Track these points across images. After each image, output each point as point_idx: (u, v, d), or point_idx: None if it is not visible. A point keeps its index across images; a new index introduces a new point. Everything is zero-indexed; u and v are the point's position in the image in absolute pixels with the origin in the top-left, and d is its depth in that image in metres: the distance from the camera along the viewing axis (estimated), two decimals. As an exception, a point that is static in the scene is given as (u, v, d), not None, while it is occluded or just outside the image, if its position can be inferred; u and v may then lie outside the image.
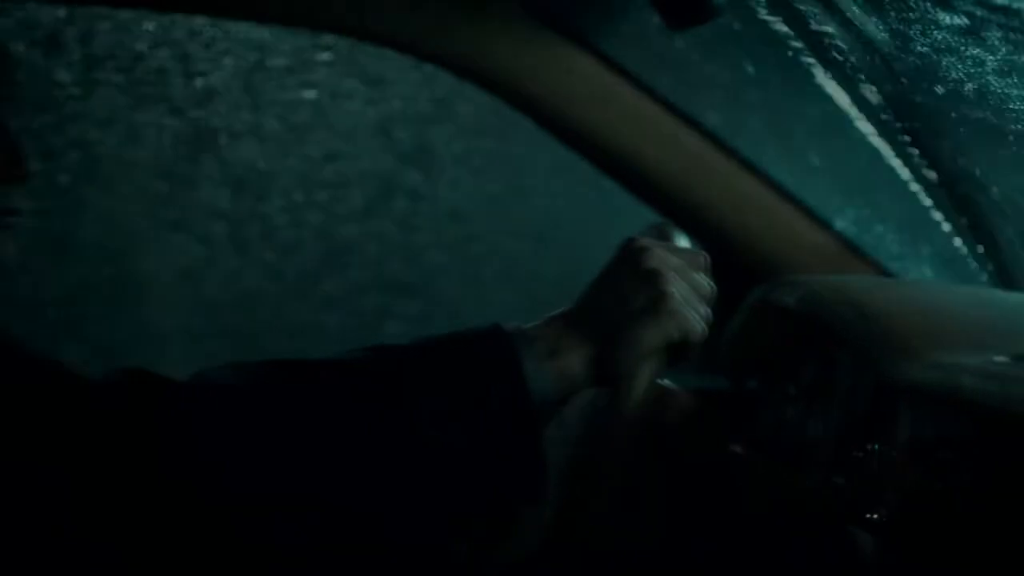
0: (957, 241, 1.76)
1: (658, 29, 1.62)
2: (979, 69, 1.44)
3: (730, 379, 1.56)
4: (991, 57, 1.40)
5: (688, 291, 1.00)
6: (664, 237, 1.06)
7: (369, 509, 0.94)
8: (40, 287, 2.56)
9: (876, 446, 1.12)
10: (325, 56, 2.59)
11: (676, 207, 1.68)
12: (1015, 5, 1.31)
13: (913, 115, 1.65)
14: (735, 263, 1.68)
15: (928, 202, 1.76)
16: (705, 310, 1.01)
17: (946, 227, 1.76)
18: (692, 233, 1.72)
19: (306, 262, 2.76)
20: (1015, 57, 1.39)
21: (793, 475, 1.32)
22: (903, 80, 1.58)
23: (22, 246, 1.12)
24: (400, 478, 0.94)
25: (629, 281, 0.99)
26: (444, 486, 0.95)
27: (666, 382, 1.05)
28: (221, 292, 2.71)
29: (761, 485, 1.33)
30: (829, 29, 1.55)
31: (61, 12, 2.46)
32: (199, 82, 2.60)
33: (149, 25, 2.53)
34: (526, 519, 1.12)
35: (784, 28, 1.60)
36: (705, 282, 1.02)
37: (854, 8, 1.45)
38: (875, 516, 1.06)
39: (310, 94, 2.63)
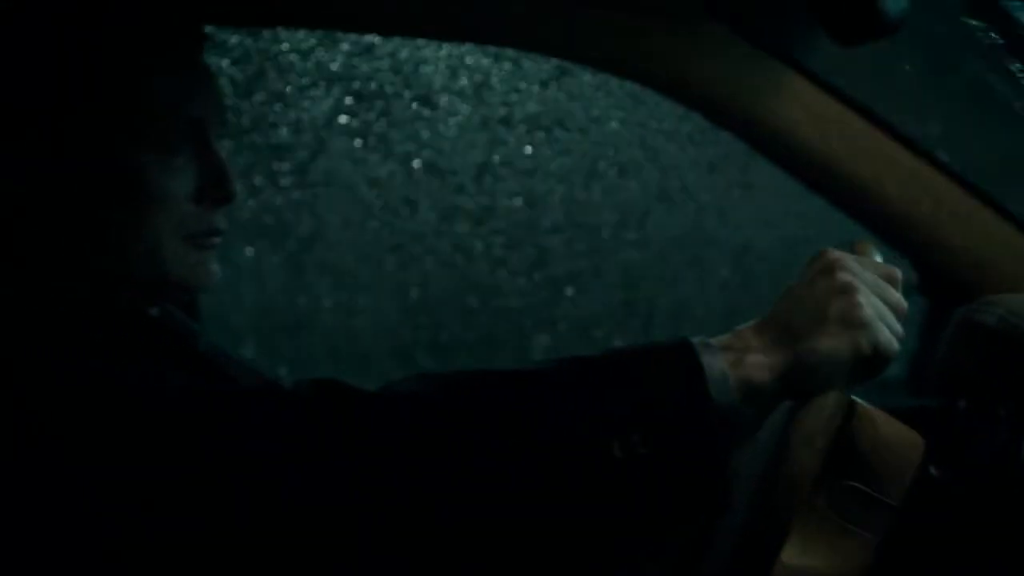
0: None
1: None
2: None
3: (939, 399, 1.53)
4: None
5: (880, 305, 1.00)
6: (859, 253, 1.06)
7: (552, 517, 0.96)
8: (250, 304, 2.69)
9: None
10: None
11: (883, 222, 1.66)
12: None
13: None
14: (943, 280, 1.65)
15: None
16: (897, 326, 1.00)
17: None
18: (901, 250, 1.70)
19: (532, 281, 2.83)
20: None
21: (1002, 498, 1.29)
22: None
23: (232, 263, 1.20)
24: (583, 487, 0.95)
25: (821, 293, 0.99)
26: (627, 496, 0.96)
27: (858, 399, 1.04)
28: (436, 308, 2.80)
29: (965, 509, 1.30)
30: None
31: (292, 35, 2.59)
32: (425, 107, 2.70)
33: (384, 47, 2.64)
34: (715, 529, 1.13)
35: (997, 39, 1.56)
36: (898, 298, 1.02)
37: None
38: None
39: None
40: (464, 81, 2.71)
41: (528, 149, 2.75)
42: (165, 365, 1.06)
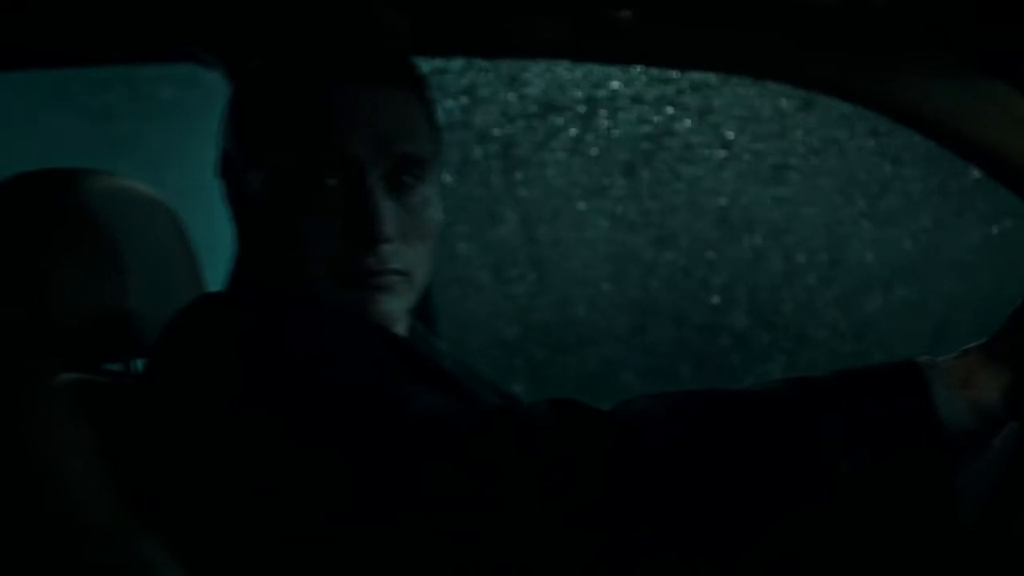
0: None
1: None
2: None
3: None
4: None
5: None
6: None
7: (783, 534, 0.97)
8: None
9: None
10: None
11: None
12: None
13: None
14: None
15: None
16: None
17: None
18: None
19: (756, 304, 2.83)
20: None
21: None
22: None
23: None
24: (811, 503, 0.96)
25: None
26: (853, 513, 0.96)
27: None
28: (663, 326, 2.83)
29: None
30: None
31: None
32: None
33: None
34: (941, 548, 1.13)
35: None
36: None
37: None
38: None
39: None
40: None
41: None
42: (416, 382, 1.10)
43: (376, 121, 1.17)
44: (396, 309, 1.19)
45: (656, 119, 2.79)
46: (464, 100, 2.71)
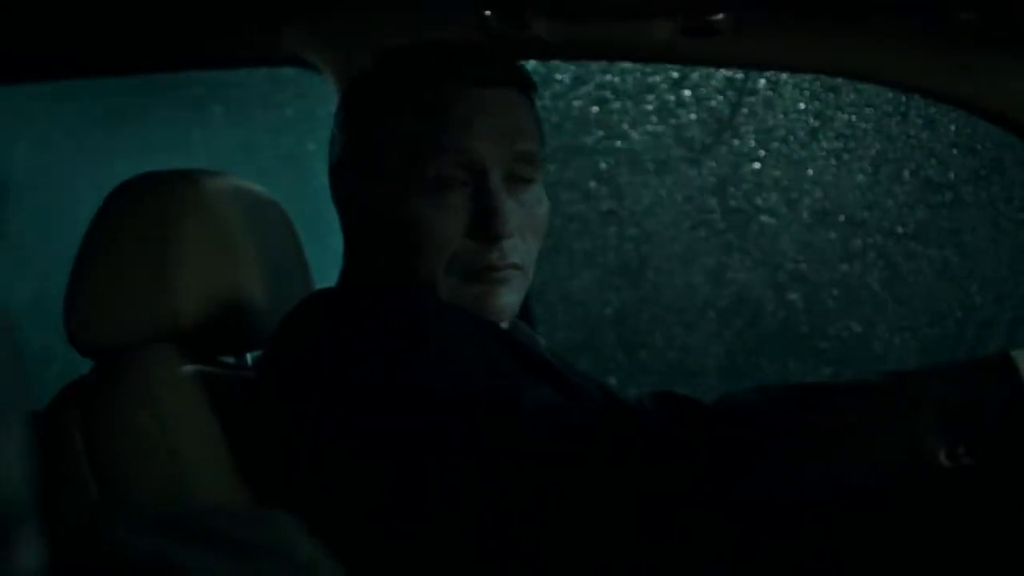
0: None
1: None
2: None
3: None
4: None
5: None
6: None
7: (881, 524, 1.01)
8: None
9: None
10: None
11: None
12: None
13: None
14: None
15: None
16: None
17: None
18: None
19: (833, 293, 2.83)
20: None
21: None
22: None
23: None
24: (911, 493, 1.00)
25: None
26: (952, 503, 0.99)
27: None
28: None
29: None
30: None
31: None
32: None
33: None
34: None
35: None
36: None
37: None
38: None
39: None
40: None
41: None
42: (525, 377, 1.15)
43: (496, 121, 1.21)
44: (513, 302, 1.22)
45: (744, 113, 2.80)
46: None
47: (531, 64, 1.79)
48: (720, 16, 1.47)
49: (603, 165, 2.81)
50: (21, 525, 0.57)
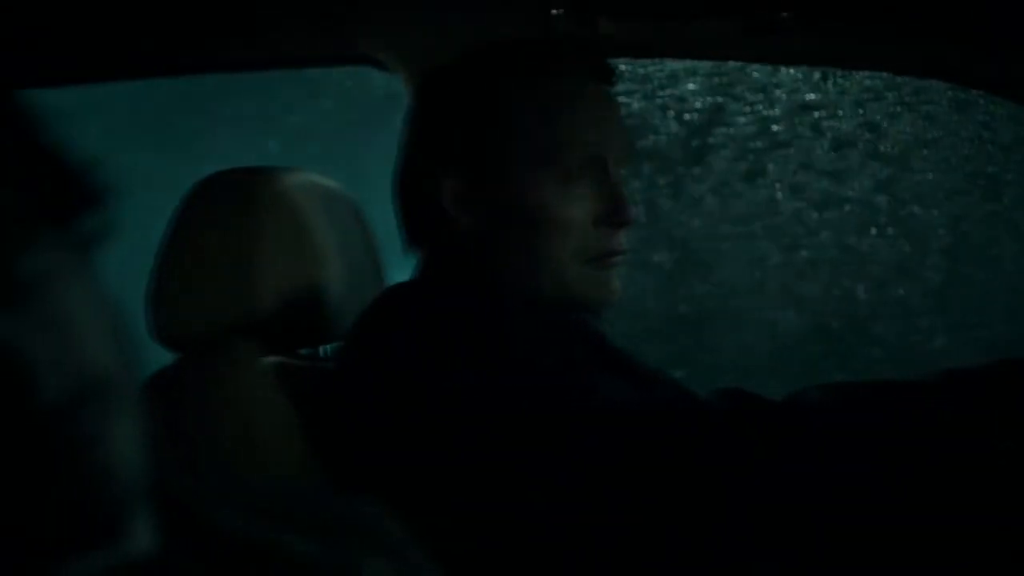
0: None
1: None
2: None
3: None
4: None
5: None
6: None
7: (955, 518, 1.02)
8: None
9: None
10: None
11: None
12: None
13: None
14: None
15: None
16: None
17: None
18: None
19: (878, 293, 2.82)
20: None
21: None
22: None
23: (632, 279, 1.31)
24: (980, 485, 1.01)
25: None
26: (1017, 490, 1.00)
27: None
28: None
29: None
30: None
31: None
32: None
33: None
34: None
35: None
36: None
37: None
38: None
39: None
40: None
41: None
42: (602, 371, 1.17)
43: (607, 114, 1.28)
44: (620, 287, 1.29)
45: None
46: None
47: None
48: (784, 15, 1.48)
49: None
50: (138, 508, 0.61)
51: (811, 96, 2.79)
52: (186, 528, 0.66)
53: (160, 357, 1.33)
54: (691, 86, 2.81)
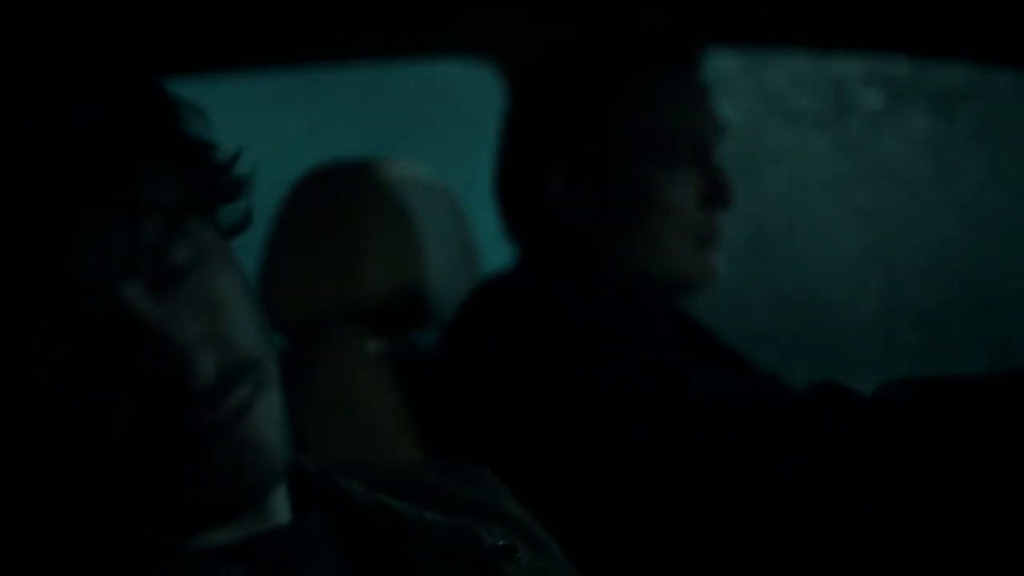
0: None
1: None
2: None
3: None
4: None
5: None
6: None
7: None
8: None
9: None
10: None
11: None
12: None
13: None
14: None
15: None
16: None
17: None
18: None
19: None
20: None
21: None
22: None
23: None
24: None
25: None
26: None
27: None
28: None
29: None
30: None
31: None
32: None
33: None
34: None
35: None
36: None
37: None
38: None
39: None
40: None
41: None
42: (698, 360, 1.20)
43: (704, 100, 1.33)
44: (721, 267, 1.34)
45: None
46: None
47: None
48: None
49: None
50: (279, 480, 0.65)
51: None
52: (320, 499, 0.70)
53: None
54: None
